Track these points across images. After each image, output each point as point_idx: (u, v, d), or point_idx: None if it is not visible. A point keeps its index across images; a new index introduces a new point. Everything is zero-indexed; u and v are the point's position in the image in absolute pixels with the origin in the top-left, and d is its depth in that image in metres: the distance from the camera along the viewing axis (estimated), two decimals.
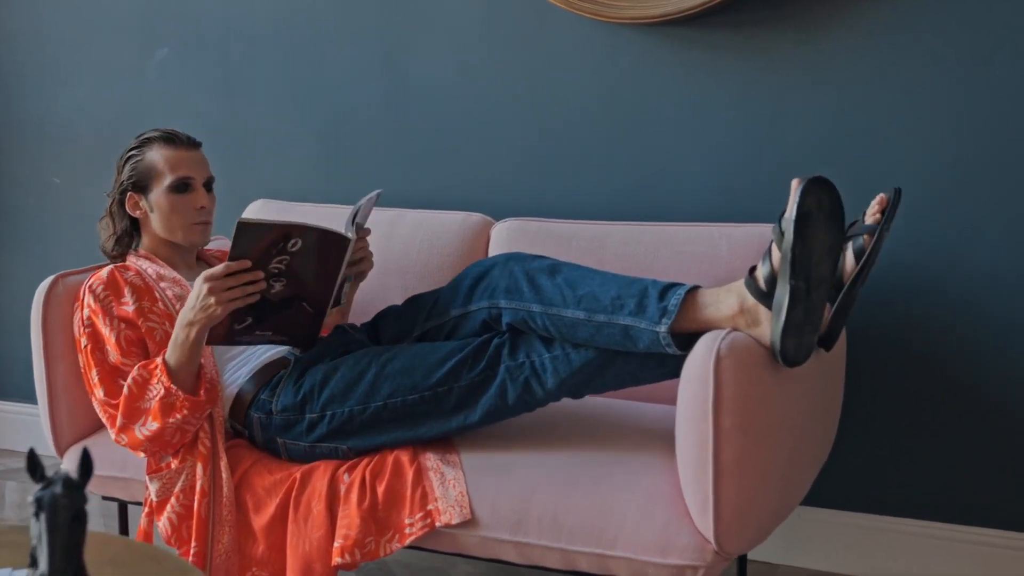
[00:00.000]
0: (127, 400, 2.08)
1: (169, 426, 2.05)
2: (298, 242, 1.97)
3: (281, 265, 1.99)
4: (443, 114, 2.75)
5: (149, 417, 2.06)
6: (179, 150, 2.29)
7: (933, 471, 2.42)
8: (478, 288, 2.09)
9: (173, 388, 2.03)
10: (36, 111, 3.24)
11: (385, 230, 2.58)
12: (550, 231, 2.48)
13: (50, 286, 2.30)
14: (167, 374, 2.05)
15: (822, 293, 1.80)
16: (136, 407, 2.08)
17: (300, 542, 2.00)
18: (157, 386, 2.05)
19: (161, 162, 2.26)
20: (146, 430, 2.06)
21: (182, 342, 2.04)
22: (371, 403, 2.03)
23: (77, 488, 1.20)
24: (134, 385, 2.08)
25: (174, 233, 2.29)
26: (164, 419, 2.04)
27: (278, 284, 2.02)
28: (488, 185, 2.73)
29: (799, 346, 1.78)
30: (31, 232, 3.33)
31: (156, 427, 2.05)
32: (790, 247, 1.75)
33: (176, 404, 2.04)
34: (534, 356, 1.97)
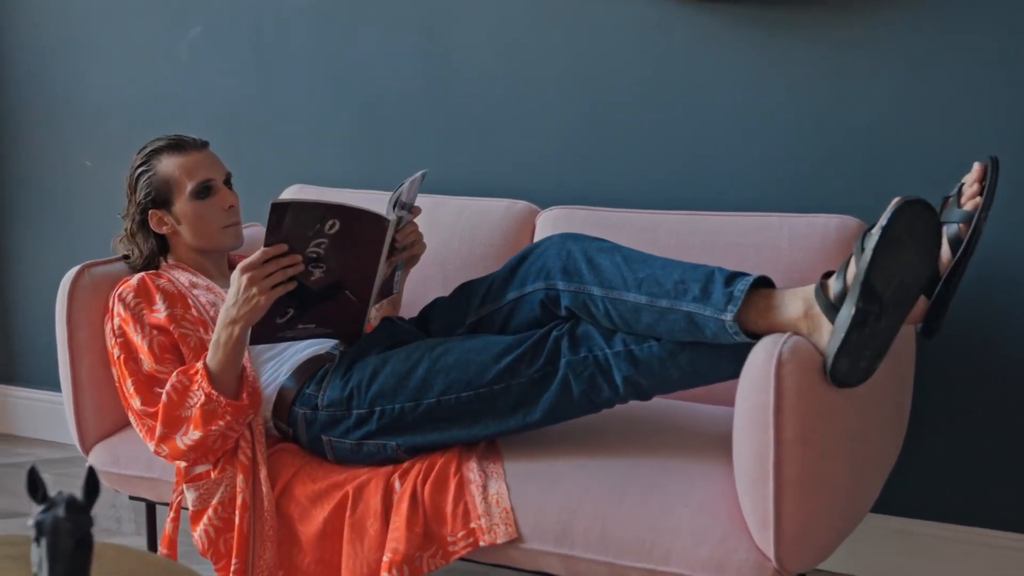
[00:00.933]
0: (166, 408, 2.01)
1: (211, 434, 1.97)
2: (335, 223, 1.89)
3: (319, 249, 1.91)
4: (486, 95, 2.66)
5: (190, 426, 1.98)
6: (190, 154, 2.22)
7: (1008, 479, 2.29)
8: (532, 269, 2.00)
9: (215, 394, 1.95)
10: (65, 92, 3.19)
11: (425, 218, 2.49)
12: (598, 220, 2.39)
13: (75, 277, 2.23)
14: (208, 379, 1.97)
15: (897, 317, 1.68)
16: (176, 415, 2.00)
17: (357, 564, 1.92)
18: (198, 392, 1.98)
19: (176, 171, 2.19)
20: (188, 439, 1.99)
21: (224, 342, 1.96)
22: (423, 400, 1.94)
23: (82, 511, 1.11)
24: (173, 392, 2.01)
25: (207, 240, 2.23)
26: (206, 427, 1.97)
27: (317, 270, 1.93)
28: (533, 171, 2.63)
29: (852, 369, 1.67)
30: (60, 216, 3.28)
31: (198, 436, 1.98)
32: (865, 269, 1.63)
33: (218, 411, 1.96)
34: (596, 351, 1.89)
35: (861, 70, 2.31)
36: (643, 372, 1.87)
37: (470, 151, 2.70)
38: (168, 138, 2.23)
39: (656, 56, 2.48)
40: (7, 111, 3.30)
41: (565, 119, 2.59)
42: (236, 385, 2.00)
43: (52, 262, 3.26)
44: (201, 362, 1.99)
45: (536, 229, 2.46)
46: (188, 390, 1.99)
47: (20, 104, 3.28)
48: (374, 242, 1.97)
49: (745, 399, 1.72)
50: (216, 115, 2.97)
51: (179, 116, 3.01)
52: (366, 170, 2.80)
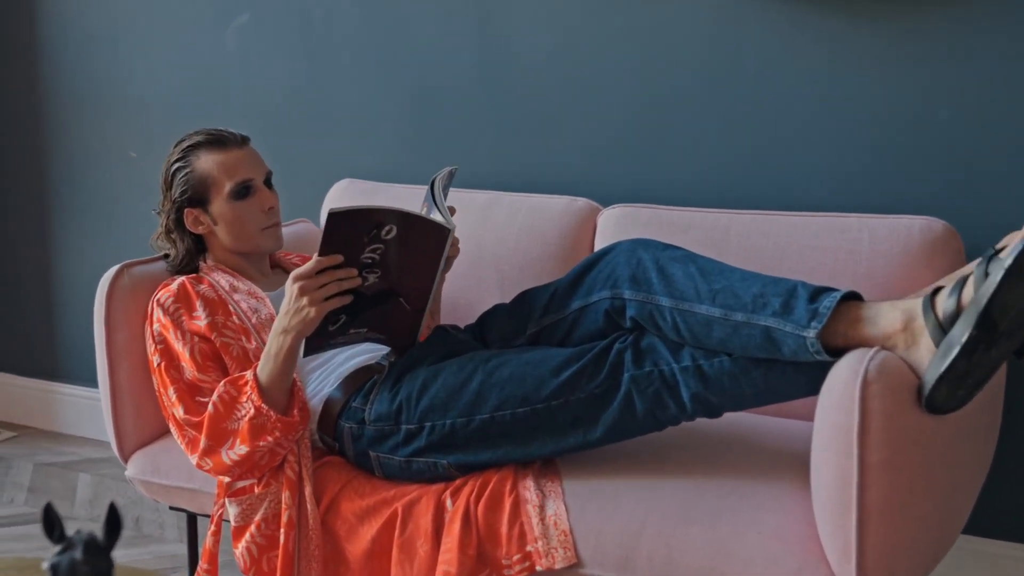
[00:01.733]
0: (212, 420, 1.93)
1: (259, 450, 1.90)
2: (392, 229, 1.82)
3: (375, 255, 1.84)
4: (544, 85, 2.57)
5: (237, 440, 1.91)
6: (230, 151, 2.13)
7: None
8: (600, 277, 1.91)
9: (264, 407, 1.88)
10: (107, 82, 3.15)
11: (479, 215, 2.41)
12: (663, 219, 2.29)
13: (114, 277, 2.16)
14: (258, 391, 1.89)
15: (1007, 347, 1.57)
16: (223, 428, 1.93)
17: None
18: (247, 405, 1.90)
19: (215, 169, 2.11)
20: (234, 454, 1.92)
21: (276, 353, 1.88)
22: (476, 415, 1.86)
23: (102, 552, 1.02)
24: (220, 403, 1.93)
25: (245, 242, 2.16)
26: (254, 442, 1.89)
27: (372, 276, 1.87)
28: (594, 166, 2.53)
29: (950, 397, 1.56)
30: (103, 209, 3.24)
31: (245, 451, 1.90)
32: (988, 297, 1.52)
33: (267, 426, 1.89)
34: (662, 365, 1.79)
35: (948, 61, 2.18)
36: (713, 389, 1.77)
37: (527, 145, 2.61)
38: (207, 132, 2.15)
39: (725, 44, 2.37)
40: (48, 102, 3.26)
41: (628, 111, 2.49)
42: (286, 399, 1.93)
43: (95, 256, 3.23)
44: (251, 372, 1.92)
45: (597, 228, 2.37)
46: (236, 402, 1.92)
47: (61, 94, 3.24)
48: (432, 251, 1.90)
49: (825, 420, 1.61)
50: (262, 105, 2.91)
51: (224, 106, 2.96)
52: (417, 164, 2.72)
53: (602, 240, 2.33)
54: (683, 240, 2.22)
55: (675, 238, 2.21)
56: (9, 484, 3.03)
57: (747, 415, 2.14)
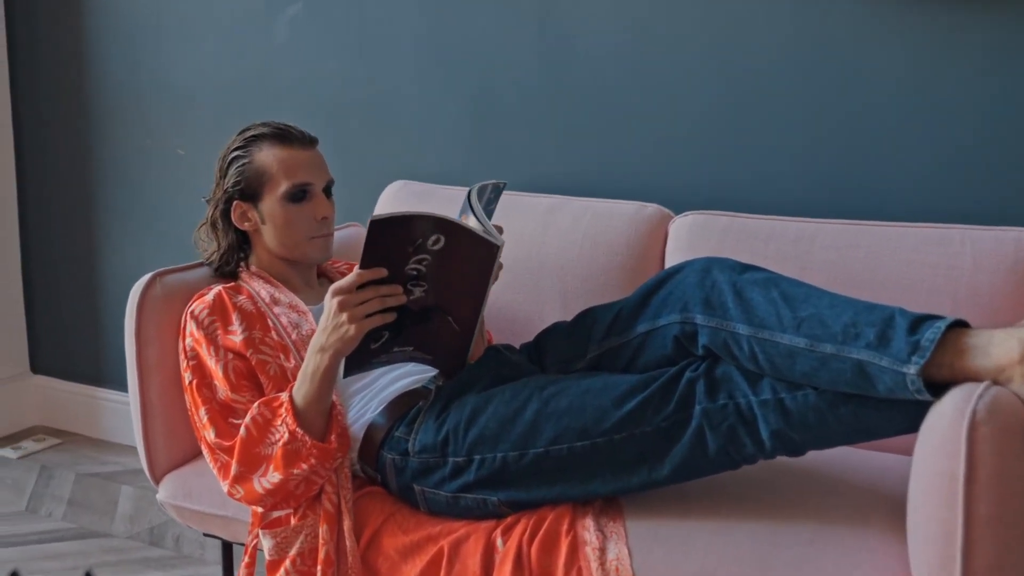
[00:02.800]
0: (244, 445, 1.81)
1: (293, 478, 1.78)
2: (440, 239, 1.68)
3: (421, 266, 1.71)
4: (611, 83, 2.44)
5: (270, 466, 1.79)
6: (294, 150, 2.02)
7: None
8: (669, 298, 1.77)
9: (299, 432, 1.75)
10: (153, 75, 3.09)
11: (540, 221, 2.28)
12: (741, 228, 2.14)
13: (145, 287, 2.04)
14: (293, 414, 1.77)
15: None
16: (255, 453, 1.80)
17: None
18: (281, 428, 1.78)
19: (274, 165, 2.00)
20: (267, 482, 1.79)
21: (312, 372, 1.75)
22: (530, 449, 1.71)
23: None
24: (253, 426, 1.80)
25: (290, 249, 2.04)
26: (287, 470, 1.77)
27: (417, 289, 1.73)
28: (666, 170, 2.40)
29: None
30: (149, 208, 3.18)
31: (278, 479, 1.78)
32: None
33: (302, 452, 1.76)
34: (738, 397, 1.64)
35: None
36: (796, 426, 1.61)
37: (593, 146, 2.48)
38: (275, 125, 2.05)
39: (810, 35, 2.22)
40: (92, 96, 3.20)
41: (702, 109, 2.35)
42: (323, 424, 1.80)
43: (142, 257, 3.18)
44: (286, 394, 1.79)
45: (669, 236, 2.23)
46: (270, 425, 1.79)
47: (106, 89, 3.17)
48: (481, 268, 1.76)
49: (926, 465, 1.44)
50: (314, 101, 2.83)
51: (274, 101, 2.89)
52: (475, 166, 2.62)
53: (674, 249, 2.19)
54: (763, 251, 2.07)
55: (754, 248, 2.08)
56: (48, 497, 2.95)
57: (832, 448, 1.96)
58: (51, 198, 3.35)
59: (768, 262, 2.04)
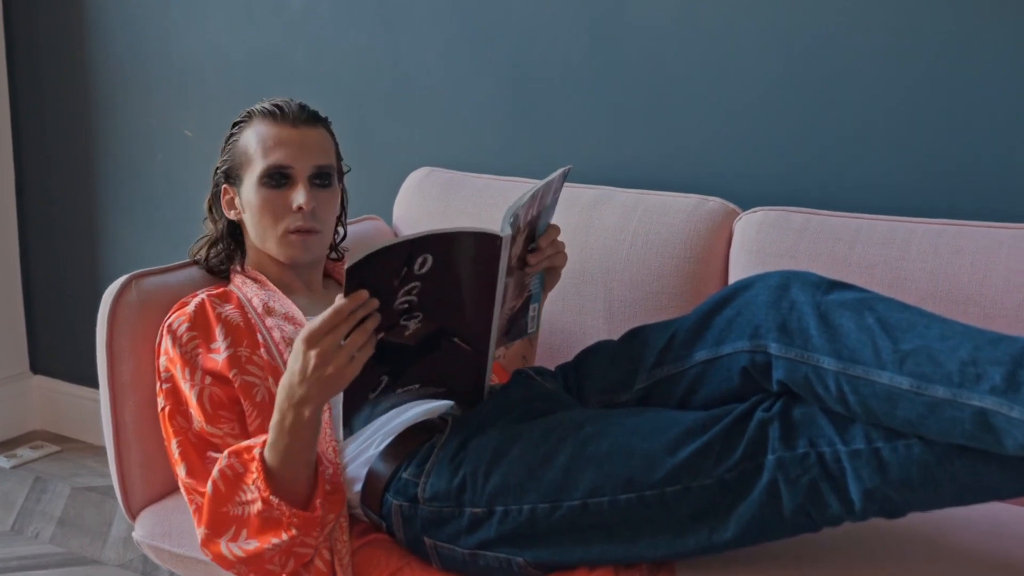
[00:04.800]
0: (211, 503, 1.54)
1: (272, 549, 1.51)
2: (427, 259, 1.43)
3: (412, 296, 1.45)
4: (668, 56, 2.20)
5: (243, 531, 1.53)
6: (280, 127, 1.78)
7: None
8: (738, 321, 1.50)
9: (274, 500, 1.48)
10: (158, 51, 2.90)
11: (583, 216, 2.06)
12: (821, 228, 1.88)
13: (118, 293, 1.80)
14: (265, 477, 1.49)
15: None
16: (222, 513, 1.54)
17: None
18: (252, 490, 1.51)
19: (255, 143, 1.78)
20: (238, 549, 1.53)
21: (291, 426, 1.46)
22: (563, 501, 1.44)
23: None
24: (221, 481, 1.53)
25: (266, 243, 1.81)
26: (264, 537, 1.51)
27: (413, 322, 1.47)
28: (731, 158, 2.15)
29: None
30: (156, 195, 2.99)
31: (253, 548, 1.52)
32: None
33: (282, 521, 1.50)
34: (822, 446, 1.36)
35: None
36: (895, 483, 1.33)
37: (646, 131, 2.24)
38: (271, 102, 1.82)
39: (903, 6, 1.95)
40: (93, 74, 3.03)
41: (774, 90, 2.10)
42: (306, 485, 1.53)
43: (148, 249, 3.01)
44: (258, 450, 1.51)
45: (734, 236, 1.97)
46: (241, 481, 1.52)
47: (107, 66, 3.00)
48: (485, 270, 1.50)
49: None
50: (332, 79, 2.62)
51: (288, 79, 2.68)
52: (510, 152, 2.40)
53: (740, 251, 1.93)
54: (847, 255, 1.82)
55: (835, 252, 1.83)
56: (38, 514, 2.73)
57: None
58: (50, 184, 3.19)
59: (852, 270, 1.78)
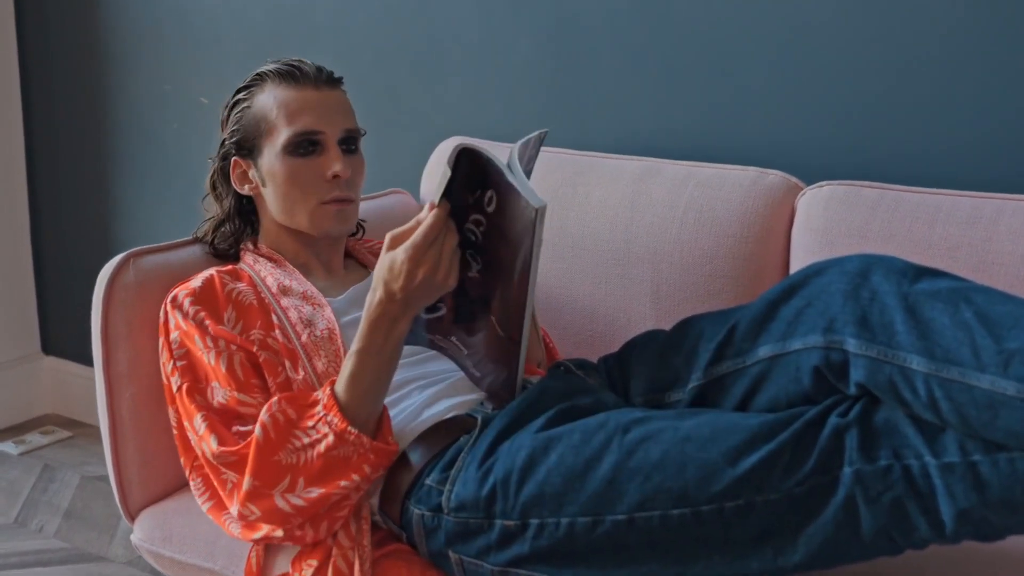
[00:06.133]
0: (260, 450, 1.40)
1: (338, 492, 1.40)
2: (492, 197, 1.33)
3: (477, 229, 1.36)
4: (721, 16, 2.03)
5: (300, 479, 1.40)
6: (302, 89, 1.65)
7: None
8: (809, 312, 1.34)
9: (351, 432, 1.38)
10: (173, 10, 2.78)
11: (628, 191, 1.90)
12: (897, 204, 1.71)
13: (114, 273, 1.67)
14: (339, 409, 1.38)
15: None
16: (273, 462, 1.40)
17: None
18: (317, 430, 1.39)
19: (275, 108, 1.64)
20: (297, 499, 1.40)
21: (383, 345, 1.39)
22: (606, 515, 1.30)
23: None
24: (272, 426, 1.40)
25: (294, 218, 1.67)
26: (332, 482, 1.39)
27: (475, 265, 1.39)
28: (794, 127, 1.99)
29: None
30: (171, 163, 2.87)
31: (317, 495, 1.39)
32: None
33: (353, 458, 1.39)
34: (908, 458, 1.21)
35: None
36: (995, 504, 1.17)
37: (699, 95, 2.09)
38: (283, 62, 1.68)
39: None
40: (104, 36, 2.91)
41: (842, 49, 1.93)
42: (377, 419, 1.44)
43: (162, 223, 2.90)
44: (323, 391, 1.41)
45: (796, 213, 1.81)
46: (295, 426, 1.40)
47: (119, 27, 2.88)
48: (523, 243, 1.35)
49: None
50: (357, 41, 2.48)
51: (311, 41, 2.55)
52: (550, 118, 2.24)
53: (804, 230, 1.77)
54: (926, 237, 1.66)
55: (914, 232, 1.66)
56: (44, 505, 2.61)
57: None
58: (60, 157, 3.08)
59: (931, 252, 1.62)
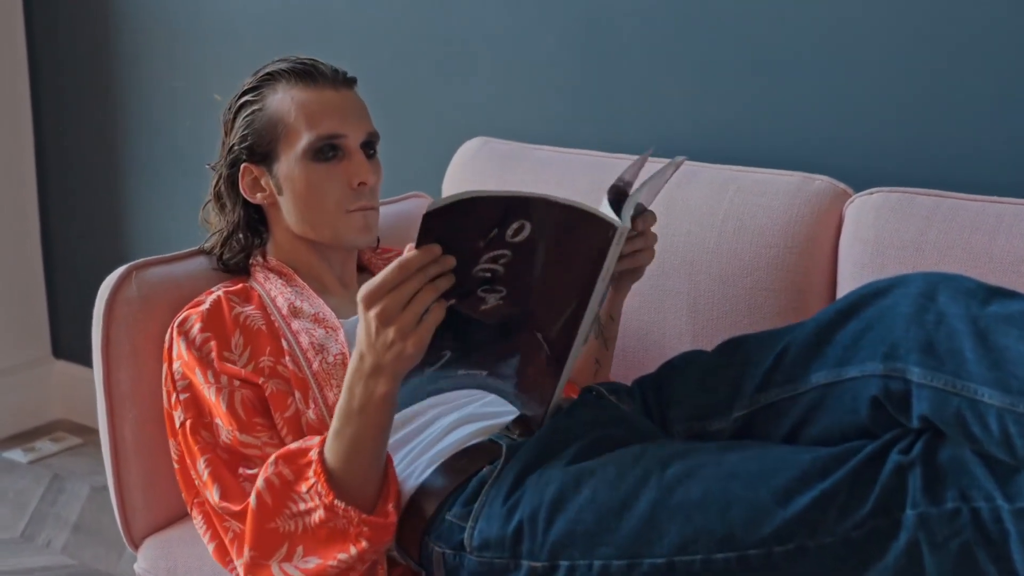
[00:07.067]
0: (256, 518, 1.32)
1: (338, 566, 1.30)
2: (524, 227, 1.21)
3: (496, 266, 1.24)
4: (761, 9, 1.93)
5: (298, 548, 1.31)
6: (321, 90, 1.56)
7: None
8: (869, 336, 1.24)
9: (339, 506, 1.27)
10: (190, 5, 2.71)
11: (663, 197, 1.78)
12: (954, 213, 1.60)
13: (115, 287, 1.60)
14: (326, 479, 1.28)
15: None
16: (270, 530, 1.32)
17: None
18: (309, 498, 1.29)
19: (292, 111, 1.54)
20: (294, 570, 1.31)
21: (360, 407, 1.24)
22: (644, 557, 1.20)
23: None
24: (268, 491, 1.31)
25: (318, 228, 1.57)
26: (328, 553, 1.30)
27: (492, 296, 1.26)
28: (842, 130, 1.89)
29: None
30: (183, 163, 2.81)
31: (315, 565, 1.30)
32: None
33: (349, 531, 1.29)
34: (978, 500, 1.11)
35: None
36: None
37: (739, 94, 1.99)
38: (295, 61, 1.59)
39: None
40: (112, 32, 2.84)
41: (895, 46, 1.82)
42: (375, 485, 1.32)
43: (175, 224, 2.83)
44: (316, 448, 1.30)
45: (844, 222, 1.70)
46: (292, 489, 1.31)
47: (130, 20, 2.81)
48: (586, 261, 1.27)
49: None
50: (376, 34, 2.40)
51: (327, 35, 2.47)
52: (579, 119, 2.15)
53: (853, 240, 1.65)
54: (987, 249, 1.56)
55: (973, 244, 1.55)
56: (52, 518, 2.54)
57: None
58: (70, 153, 3.01)
59: (992, 266, 1.51)
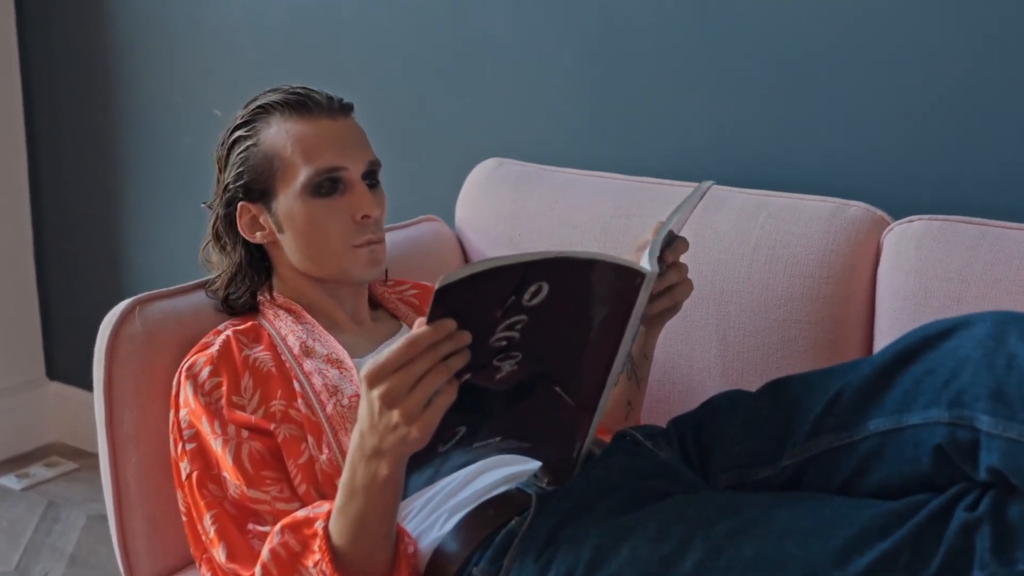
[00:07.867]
0: None
1: None
2: (542, 288, 1.14)
3: (513, 332, 1.16)
4: (792, 25, 1.89)
5: None
6: (316, 121, 1.51)
7: None
8: (931, 381, 1.18)
9: None
10: (186, 15, 2.68)
11: (690, 224, 1.73)
12: (1002, 243, 1.54)
13: (118, 323, 1.55)
14: (331, 557, 1.22)
15: None
16: None
17: None
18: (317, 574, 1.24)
19: (288, 145, 1.49)
20: None
21: (364, 484, 1.17)
22: None
23: None
24: (273, 563, 1.26)
25: (322, 265, 1.52)
26: None
27: (508, 363, 1.18)
28: (877, 153, 1.83)
29: None
30: (185, 183, 2.77)
31: None
32: None
33: None
34: None
35: None
36: None
37: (769, 116, 1.94)
38: (287, 91, 1.53)
39: None
40: (108, 43, 2.83)
41: (934, 65, 1.76)
42: (384, 567, 1.25)
43: (173, 242, 2.81)
44: (320, 522, 1.24)
45: (883, 252, 1.64)
46: (298, 563, 1.25)
47: (127, 32, 2.79)
48: (613, 312, 1.21)
49: None
50: (384, 50, 2.36)
51: (332, 51, 2.43)
52: (597, 139, 2.11)
53: (893, 272, 1.59)
54: None
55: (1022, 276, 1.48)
56: (47, 549, 2.48)
57: None
58: (68, 173, 3.00)
59: None
